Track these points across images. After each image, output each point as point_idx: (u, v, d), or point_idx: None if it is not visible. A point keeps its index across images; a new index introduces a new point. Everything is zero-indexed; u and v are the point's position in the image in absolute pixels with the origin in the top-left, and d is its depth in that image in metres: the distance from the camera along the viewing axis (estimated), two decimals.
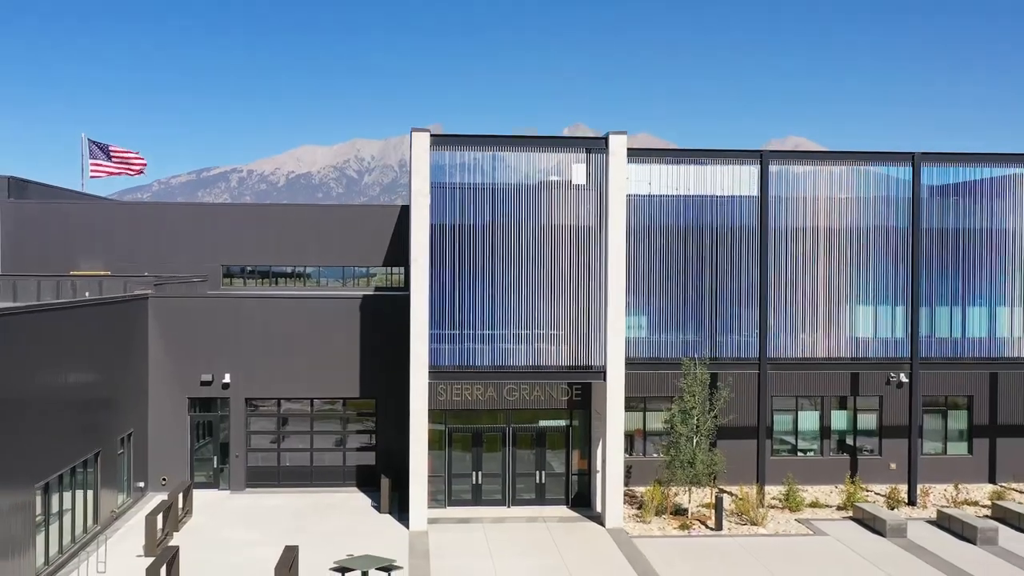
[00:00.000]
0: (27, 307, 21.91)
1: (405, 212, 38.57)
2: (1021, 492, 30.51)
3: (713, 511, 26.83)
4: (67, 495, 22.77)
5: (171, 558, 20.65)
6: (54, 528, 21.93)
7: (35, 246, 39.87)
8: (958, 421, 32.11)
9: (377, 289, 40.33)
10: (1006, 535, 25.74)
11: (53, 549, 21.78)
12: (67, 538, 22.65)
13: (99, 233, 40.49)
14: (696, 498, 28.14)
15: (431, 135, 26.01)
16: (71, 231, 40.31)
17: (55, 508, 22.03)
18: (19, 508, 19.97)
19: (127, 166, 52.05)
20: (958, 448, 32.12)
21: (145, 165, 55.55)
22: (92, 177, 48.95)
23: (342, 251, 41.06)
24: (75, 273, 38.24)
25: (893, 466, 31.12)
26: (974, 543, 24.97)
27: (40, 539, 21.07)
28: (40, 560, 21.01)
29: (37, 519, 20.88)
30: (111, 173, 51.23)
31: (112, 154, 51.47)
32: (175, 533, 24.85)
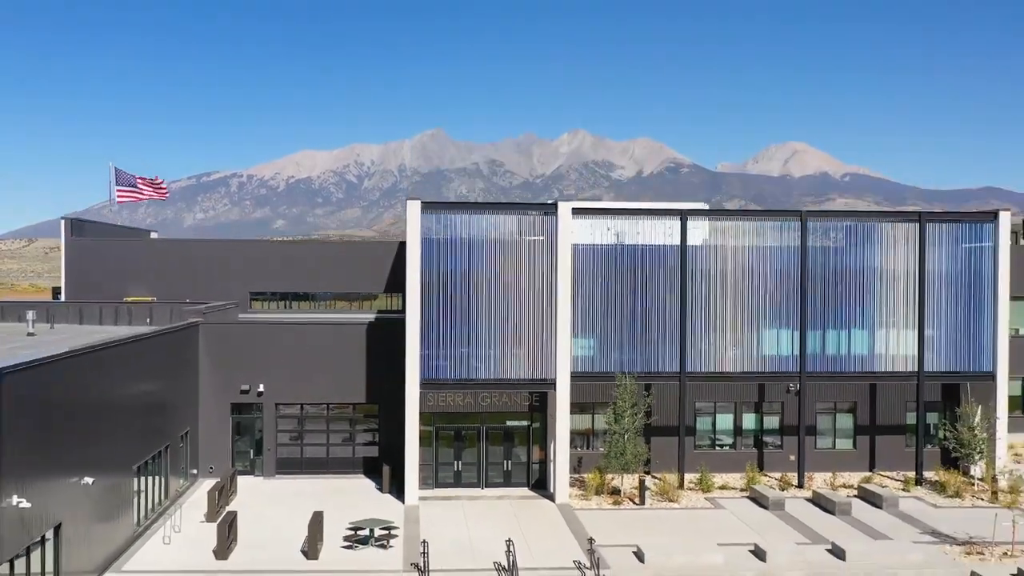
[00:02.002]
0: (118, 340, 29.55)
1: (402, 247, 46.31)
2: (890, 478, 38.36)
3: (640, 492, 34.63)
4: (148, 477, 30.54)
5: (232, 520, 28.49)
6: (142, 500, 29.74)
7: (92, 276, 47.74)
8: (845, 422, 39.97)
9: (379, 311, 48.13)
10: (860, 508, 33.60)
11: (142, 514, 29.60)
12: (149, 508, 30.45)
13: (145, 265, 48.39)
14: (628, 482, 35.91)
15: (422, 203, 33.90)
16: (122, 263, 48.21)
17: (142, 486, 29.82)
18: (122, 484, 27.78)
19: (153, 190, 59.58)
20: (845, 443, 39.98)
21: (168, 192, 63.60)
22: (118, 203, 56.22)
23: (349, 279, 48.91)
24: (128, 300, 46.12)
25: (792, 458, 38.80)
26: (833, 513, 32.83)
27: (134, 506, 28.89)
28: (134, 520, 28.82)
29: (132, 492, 28.69)
30: (137, 199, 58.80)
31: (137, 182, 59.05)
32: (226, 507, 32.65)
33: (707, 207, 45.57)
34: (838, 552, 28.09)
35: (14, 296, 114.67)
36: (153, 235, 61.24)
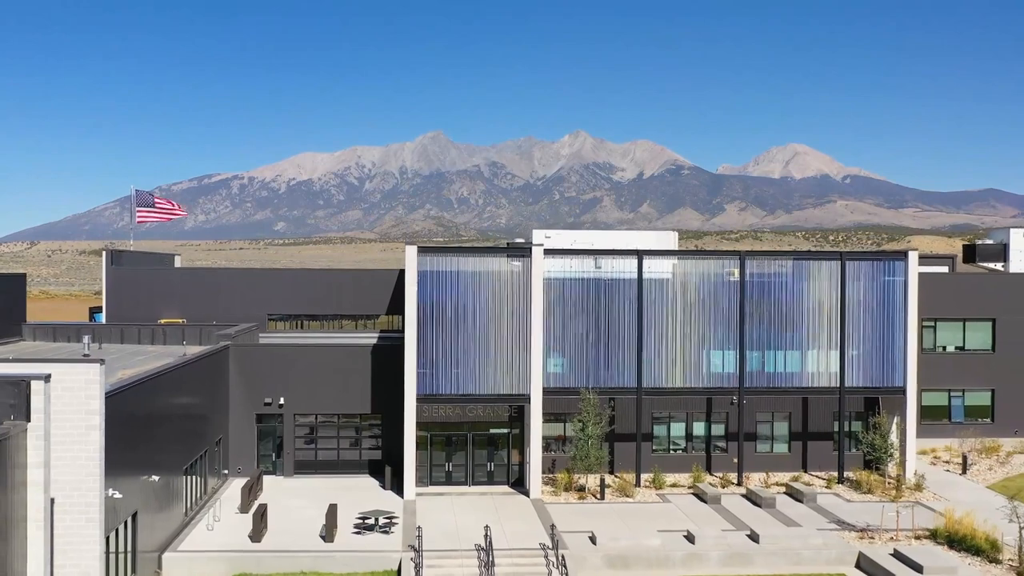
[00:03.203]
0: (174, 364, 36.13)
1: (402, 273, 52.84)
2: (818, 477, 44.91)
3: (600, 489, 41.19)
4: (192, 477, 37.10)
5: (263, 511, 35.08)
6: (188, 495, 36.31)
7: (129, 301, 54.28)
8: (781, 429, 46.53)
9: (381, 331, 54.66)
10: (785, 502, 40.18)
11: (188, 507, 36.18)
12: (193, 502, 37.03)
13: (175, 290, 54.98)
14: (592, 480, 42.44)
15: (418, 247, 40.52)
16: (155, 289, 54.76)
17: (188, 484, 36.38)
18: (175, 482, 34.35)
19: (170, 212, 66.10)
20: (781, 447, 46.54)
21: (184, 214, 70.46)
22: (139, 223, 62.52)
23: (355, 303, 55.41)
24: (162, 321, 52.73)
25: (735, 460, 45.40)
26: (761, 507, 39.42)
27: (183, 500, 35.47)
28: (183, 512, 35.40)
29: (182, 489, 35.27)
30: (155, 219, 65.30)
31: (156, 203, 65.51)
32: (256, 501, 39.23)
33: (676, 236, 52.80)
34: (754, 537, 34.65)
35: (50, 307, 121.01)
36: (176, 259, 67.74)
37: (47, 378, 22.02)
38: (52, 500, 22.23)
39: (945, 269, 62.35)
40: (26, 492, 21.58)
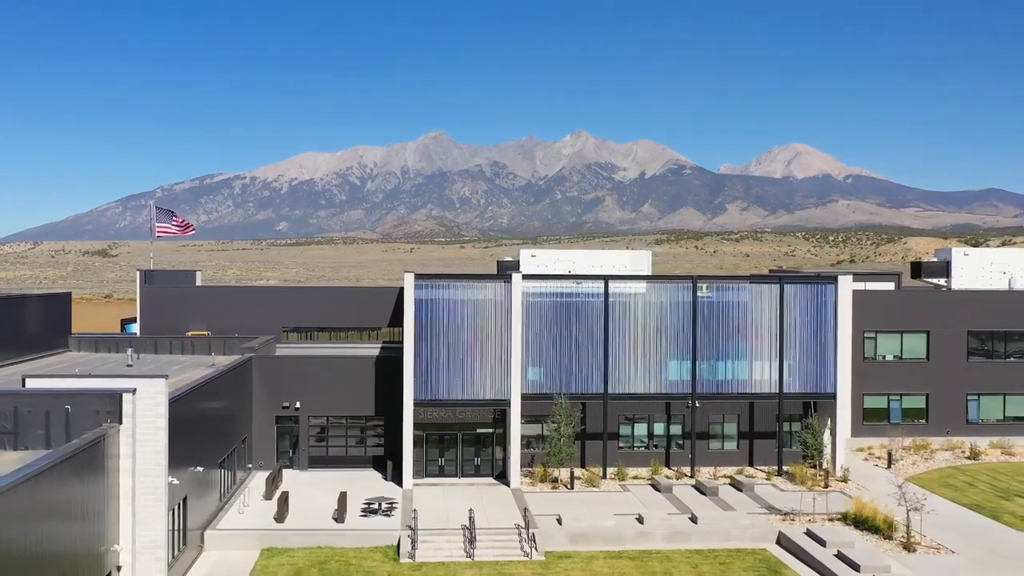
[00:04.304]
0: (214, 374, 43.07)
1: (402, 291, 59.87)
2: (761, 471, 51.88)
3: (570, 480, 48.16)
4: (225, 469, 44.09)
5: (285, 497, 42.12)
6: (222, 484, 43.32)
7: (161, 316, 61.38)
8: (731, 429, 53.50)
9: (384, 341, 61.72)
10: (727, 491, 47.15)
11: (222, 494, 43.20)
12: (225, 490, 44.04)
13: (200, 306, 62.08)
14: (564, 473, 49.39)
15: (415, 275, 47.55)
16: (183, 305, 61.87)
17: (222, 475, 43.37)
18: (212, 473, 41.36)
19: (185, 227, 73.08)
20: (731, 445, 53.52)
21: (195, 231, 77.81)
22: (158, 237, 69.46)
23: (361, 316, 62.49)
24: (190, 334, 59.79)
25: (691, 456, 52.35)
26: (706, 495, 46.39)
27: (218, 488, 42.47)
28: (218, 498, 42.41)
29: (217, 479, 42.27)
30: (172, 234, 72.21)
31: (173, 219, 72.35)
32: (278, 489, 46.24)
33: (649, 256, 59.95)
34: (694, 519, 41.63)
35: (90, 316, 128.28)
36: (197, 275, 74.78)
37: (134, 391, 28.93)
38: (134, 484, 29.14)
39: (891, 285, 69.41)
40: (119, 477, 28.48)
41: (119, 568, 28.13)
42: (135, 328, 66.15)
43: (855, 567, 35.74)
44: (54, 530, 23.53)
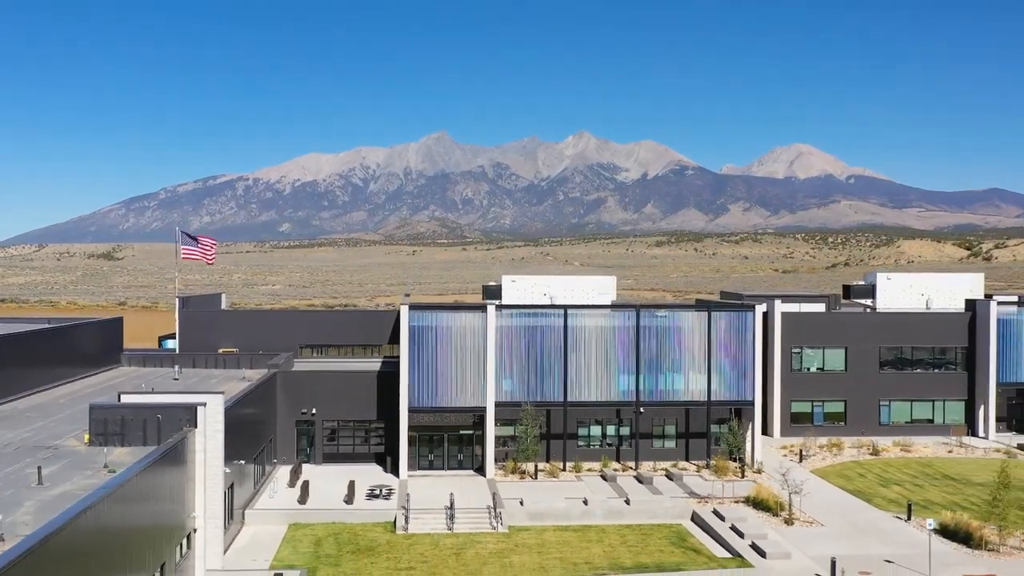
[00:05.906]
0: (247, 390, 54.33)
1: (399, 313, 71.23)
2: (694, 464, 63.12)
3: (535, 472, 59.43)
4: (257, 464, 55.36)
5: (306, 485, 53.51)
6: (255, 476, 54.61)
7: (196, 336, 72.85)
8: (670, 430, 64.77)
9: (385, 356, 73.11)
10: (661, 481, 58.38)
11: (255, 483, 54.51)
12: (257, 479, 55.33)
13: (230, 327, 73.56)
14: (531, 467, 60.62)
15: (409, 306, 58.93)
16: (214, 326, 73.35)
17: (255, 468, 54.65)
18: (248, 467, 52.64)
19: (209, 250, 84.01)
20: (670, 443, 64.81)
21: (215, 255, 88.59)
22: (183, 259, 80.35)
23: (365, 334, 73.94)
24: (221, 351, 71.24)
25: (635, 453, 63.55)
26: (643, 483, 57.69)
27: (252, 479, 53.78)
28: (252, 486, 53.72)
29: (252, 472, 53.58)
30: (195, 258, 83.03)
31: (199, 241, 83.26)
32: (299, 479, 57.56)
33: (614, 281, 71.23)
34: (628, 501, 52.89)
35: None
36: (222, 297, 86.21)
37: (204, 404, 40.18)
38: (204, 472, 40.40)
39: (823, 307, 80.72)
40: (195, 467, 39.69)
41: (195, 530, 39.37)
42: (171, 343, 77.52)
43: (741, 535, 47.01)
44: (157, 503, 34.65)
